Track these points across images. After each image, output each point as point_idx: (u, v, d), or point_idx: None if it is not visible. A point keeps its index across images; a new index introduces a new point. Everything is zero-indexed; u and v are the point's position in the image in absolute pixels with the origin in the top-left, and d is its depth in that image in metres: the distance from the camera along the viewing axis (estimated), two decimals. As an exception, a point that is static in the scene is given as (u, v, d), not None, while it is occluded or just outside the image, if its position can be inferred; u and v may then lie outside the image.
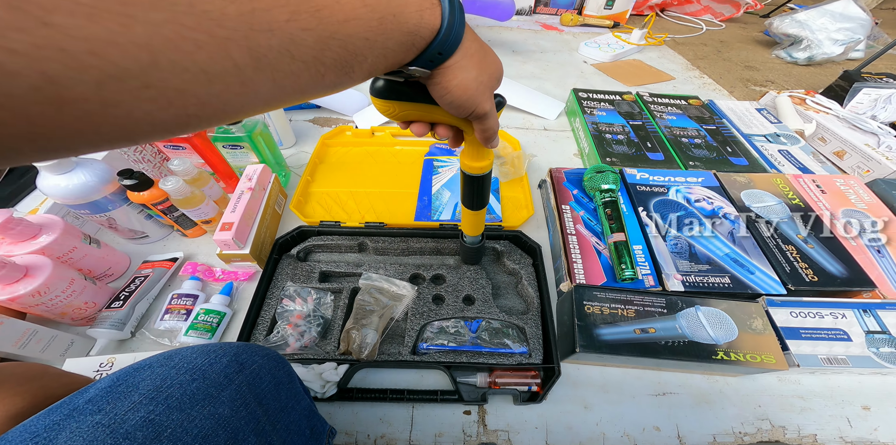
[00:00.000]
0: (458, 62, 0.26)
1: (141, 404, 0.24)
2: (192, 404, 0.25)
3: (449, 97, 0.28)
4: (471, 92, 0.28)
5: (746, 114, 0.95)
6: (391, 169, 0.79)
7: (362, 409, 0.49)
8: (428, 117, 0.34)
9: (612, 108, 0.93)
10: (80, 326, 0.53)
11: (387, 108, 0.32)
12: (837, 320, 0.51)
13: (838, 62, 1.44)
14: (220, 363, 0.28)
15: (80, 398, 0.24)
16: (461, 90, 0.27)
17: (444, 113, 0.32)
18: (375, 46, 0.21)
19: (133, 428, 0.23)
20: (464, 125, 0.35)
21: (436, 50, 0.24)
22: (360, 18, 0.19)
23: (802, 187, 0.69)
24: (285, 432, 0.29)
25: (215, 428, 0.25)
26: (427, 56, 0.24)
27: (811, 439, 0.48)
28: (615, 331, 0.48)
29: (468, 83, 0.27)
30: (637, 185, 0.69)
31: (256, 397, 0.28)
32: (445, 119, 0.34)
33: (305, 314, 0.53)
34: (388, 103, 0.32)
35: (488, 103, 0.30)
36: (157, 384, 0.25)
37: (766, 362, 0.46)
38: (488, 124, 0.32)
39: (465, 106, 0.29)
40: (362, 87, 1.09)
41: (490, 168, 0.42)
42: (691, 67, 1.36)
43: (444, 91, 0.27)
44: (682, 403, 0.51)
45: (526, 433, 0.48)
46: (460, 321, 0.54)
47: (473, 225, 0.51)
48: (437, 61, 0.25)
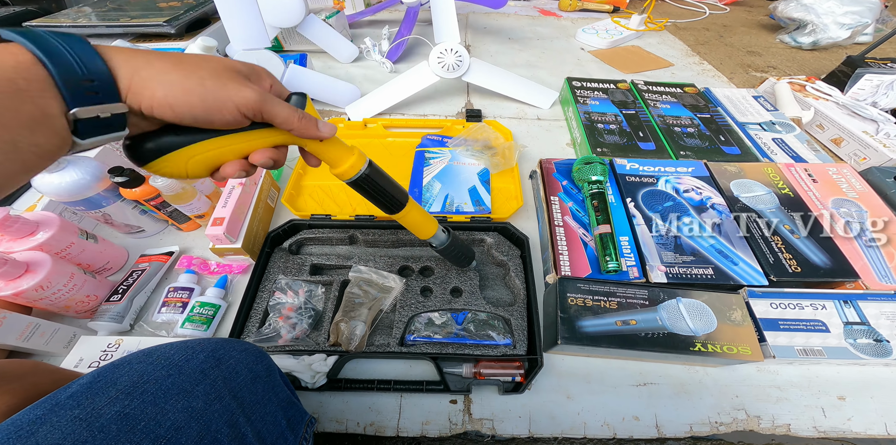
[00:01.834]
0: (139, 78, 0.22)
1: (117, 398, 0.25)
2: (166, 398, 0.26)
3: (181, 108, 0.23)
4: (197, 90, 0.23)
5: (742, 102, 0.94)
6: (383, 161, 0.78)
7: (352, 398, 0.51)
8: (228, 151, 0.28)
9: (606, 97, 0.92)
10: (84, 318, 0.55)
11: (172, 168, 0.26)
12: (817, 311, 0.52)
13: (845, 47, 1.40)
14: (196, 359, 0.30)
15: (63, 393, 0.26)
16: (182, 93, 0.23)
17: (239, 138, 0.27)
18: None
19: (108, 422, 0.24)
20: (272, 135, 0.29)
21: (83, 89, 0.20)
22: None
23: (794, 176, 0.69)
24: (260, 423, 0.31)
25: (188, 421, 0.26)
26: (83, 100, 0.20)
27: (785, 429, 0.49)
28: (597, 323, 0.49)
29: (179, 85, 0.23)
30: (626, 175, 0.69)
31: (231, 390, 0.30)
32: (245, 141, 0.28)
33: (297, 307, 0.55)
34: (167, 162, 0.26)
35: (247, 90, 0.25)
36: (134, 380, 0.27)
37: (743, 353, 0.47)
38: (277, 112, 0.27)
39: (211, 106, 0.24)
40: (353, 77, 1.08)
41: (360, 166, 0.36)
42: (691, 52, 1.33)
43: (166, 108, 0.23)
44: (662, 393, 0.52)
45: (510, 421, 0.49)
46: (447, 312, 0.55)
47: (414, 227, 0.46)
48: (106, 92, 0.21)
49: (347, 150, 0.35)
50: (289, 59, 0.95)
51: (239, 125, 0.27)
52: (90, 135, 0.21)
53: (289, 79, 0.88)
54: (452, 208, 0.69)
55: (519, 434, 0.48)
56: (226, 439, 0.27)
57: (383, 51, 1.14)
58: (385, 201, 0.41)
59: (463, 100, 1.03)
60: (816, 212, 0.63)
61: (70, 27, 1.02)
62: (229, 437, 0.28)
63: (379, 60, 1.12)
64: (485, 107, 0.99)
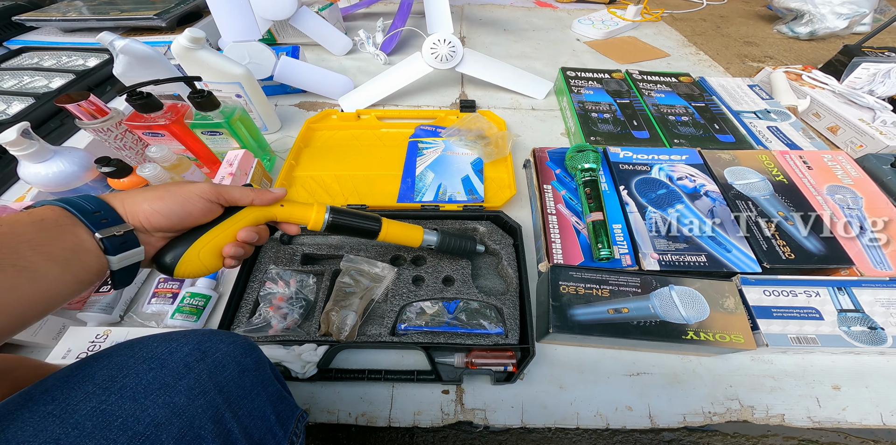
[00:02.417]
0: (128, 203, 0.31)
1: (93, 393, 0.24)
2: (146, 393, 0.25)
3: (164, 210, 0.31)
4: (168, 197, 0.32)
5: (738, 90, 0.93)
6: (376, 152, 0.79)
7: (343, 388, 0.50)
8: (222, 237, 0.36)
9: (600, 86, 0.91)
10: (73, 309, 0.55)
11: (192, 265, 0.34)
12: (811, 298, 0.51)
13: (842, 37, 1.39)
14: (181, 352, 0.29)
15: (38, 388, 0.25)
16: (159, 201, 0.31)
17: (225, 225, 0.36)
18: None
19: (83, 418, 0.23)
20: (246, 215, 0.37)
21: (97, 219, 0.29)
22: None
23: (788, 163, 0.69)
24: (247, 418, 0.30)
25: (169, 417, 0.25)
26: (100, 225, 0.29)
27: (779, 419, 0.49)
28: (589, 311, 0.49)
29: (155, 197, 0.32)
30: (620, 163, 0.68)
31: (217, 385, 0.29)
32: (230, 225, 0.36)
33: (288, 297, 0.54)
34: (186, 262, 0.34)
35: (201, 183, 0.34)
36: (112, 374, 0.26)
37: (735, 342, 0.47)
38: (232, 192, 0.36)
39: (182, 201, 0.32)
40: (347, 70, 1.07)
41: (322, 215, 0.43)
42: (688, 43, 1.32)
43: (155, 215, 0.31)
44: (655, 383, 0.51)
45: (502, 411, 0.49)
46: (438, 302, 0.55)
47: (400, 241, 0.51)
48: (112, 217, 0.30)
49: (307, 206, 0.42)
50: (281, 51, 0.94)
51: (214, 213, 0.35)
52: (117, 252, 0.29)
53: (280, 70, 0.87)
54: (445, 197, 0.68)
55: (511, 425, 0.48)
56: (209, 435, 0.26)
57: (377, 43, 1.13)
58: (362, 233, 0.47)
59: (457, 91, 1.02)
60: (811, 198, 0.62)
61: (59, 21, 1.01)
62: (213, 433, 0.27)
63: (373, 52, 1.11)
64: (479, 98, 0.98)
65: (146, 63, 0.69)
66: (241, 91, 0.73)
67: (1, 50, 1.03)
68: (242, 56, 0.81)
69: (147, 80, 0.55)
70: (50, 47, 1.02)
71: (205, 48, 0.66)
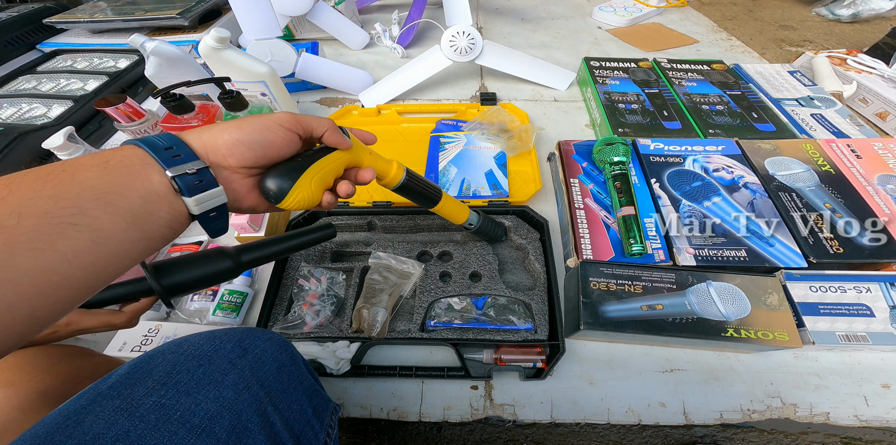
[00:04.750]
0: (206, 137, 0.28)
1: (154, 389, 0.26)
2: (198, 388, 0.27)
3: (246, 139, 0.28)
4: (247, 125, 0.29)
5: (777, 77, 0.88)
6: (398, 147, 0.79)
7: (375, 384, 0.51)
8: (329, 170, 0.34)
9: (627, 76, 0.88)
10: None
11: (303, 193, 0.32)
12: (861, 294, 0.48)
13: (889, 18, 1.31)
14: (224, 349, 0.30)
15: (104, 383, 0.27)
16: (238, 131, 0.28)
17: (327, 160, 0.33)
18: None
19: (147, 411, 0.25)
20: (342, 155, 0.35)
21: (169, 155, 0.25)
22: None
23: (835, 153, 0.65)
24: (287, 411, 0.31)
25: (220, 410, 0.26)
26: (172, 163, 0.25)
27: (823, 417, 0.47)
28: (621, 308, 0.48)
29: (234, 128, 0.28)
30: (650, 155, 0.66)
31: (259, 379, 0.30)
32: (332, 160, 0.34)
33: (320, 294, 0.55)
34: (299, 188, 0.31)
35: (279, 113, 0.32)
36: (167, 370, 0.27)
37: (779, 339, 0.45)
38: (310, 121, 0.33)
39: (263, 129, 0.29)
40: (365, 64, 1.07)
41: (401, 175, 0.42)
42: (718, 28, 1.26)
43: (237, 145, 0.28)
44: (690, 379, 0.50)
45: (531, 407, 0.49)
46: (466, 297, 0.54)
47: (450, 215, 0.52)
48: (186, 154, 0.26)
49: (389, 162, 0.42)
50: (301, 47, 0.94)
51: (294, 144, 0.31)
52: (193, 193, 0.26)
53: (302, 67, 0.87)
54: (469, 192, 0.67)
55: (541, 420, 0.48)
56: (255, 428, 0.27)
57: (394, 36, 1.11)
58: (424, 196, 0.47)
59: (477, 83, 1.00)
60: (861, 189, 0.59)
61: (87, 22, 1.04)
62: (259, 426, 0.28)
63: (390, 45, 1.10)
64: (499, 90, 0.96)
65: (175, 64, 0.70)
66: (265, 89, 0.74)
67: (35, 53, 1.06)
68: (265, 54, 0.81)
69: (176, 81, 0.56)
70: (81, 49, 1.05)
71: (230, 47, 0.67)
